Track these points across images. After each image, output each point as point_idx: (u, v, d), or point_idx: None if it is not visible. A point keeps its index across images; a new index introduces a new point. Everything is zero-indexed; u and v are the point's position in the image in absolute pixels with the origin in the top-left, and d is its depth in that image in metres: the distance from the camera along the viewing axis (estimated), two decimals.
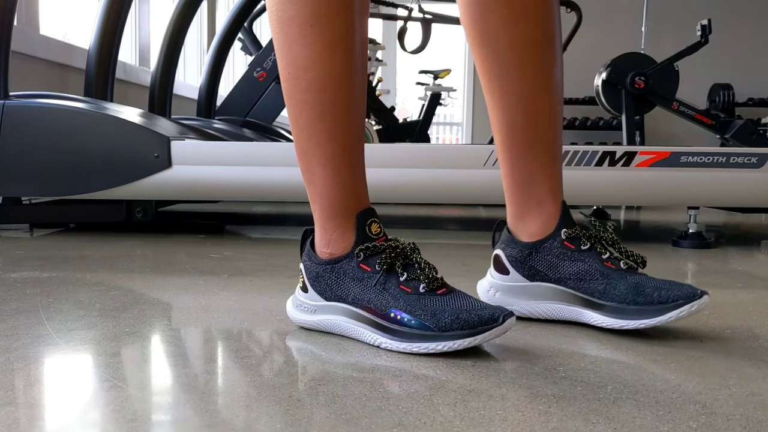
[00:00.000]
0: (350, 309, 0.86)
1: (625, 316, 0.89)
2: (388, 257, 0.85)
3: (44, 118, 1.81)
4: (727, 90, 5.82)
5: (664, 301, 0.86)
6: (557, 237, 0.95)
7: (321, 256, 0.89)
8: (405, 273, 0.84)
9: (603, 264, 0.92)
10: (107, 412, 0.63)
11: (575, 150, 1.82)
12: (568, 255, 0.94)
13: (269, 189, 1.85)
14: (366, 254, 0.86)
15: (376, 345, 0.83)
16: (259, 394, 0.68)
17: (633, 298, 0.88)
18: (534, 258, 0.96)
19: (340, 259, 0.88)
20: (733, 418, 0.63)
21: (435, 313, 0.80)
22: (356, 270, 0.86)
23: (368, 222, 0.88)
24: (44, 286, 1.18)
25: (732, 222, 2.78)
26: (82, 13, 3.33)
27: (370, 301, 0.84)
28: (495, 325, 0.78)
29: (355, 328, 0.86)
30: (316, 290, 0.89)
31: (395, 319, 0.82)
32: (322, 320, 0.89)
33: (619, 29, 6.21)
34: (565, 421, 0.62)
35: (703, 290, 0.87)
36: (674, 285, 0.88)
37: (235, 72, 5.10)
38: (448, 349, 0.79)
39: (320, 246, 0.90)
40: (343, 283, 0.87)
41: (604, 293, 0.91)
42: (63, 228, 2.00)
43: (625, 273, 0.91)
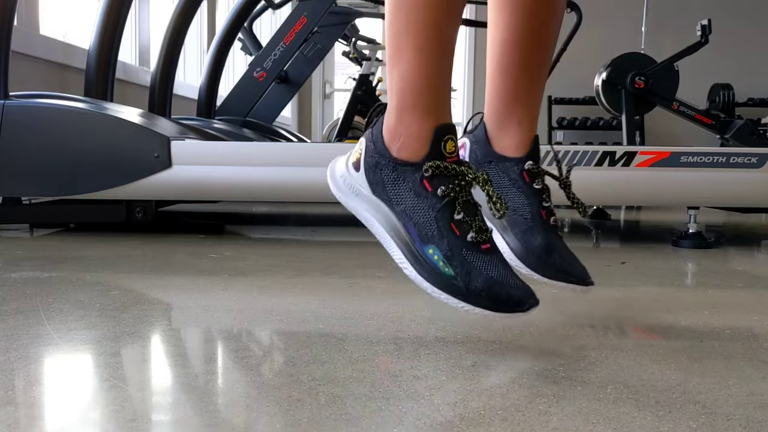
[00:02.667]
0: (392, 218, 0.83)
1: (523, 258, 0.96)
2: (455, 188, 0.80)
3: (44, 118, 1.80)
4: (727, 90, 5.81)
5: (561, 270, 0.95)
6: (521, 164, 0.99)
7: (390, 148, 0.83)
8: (462, 213, 0.80)
9: (539, 209, 0.98)
10: (107, 412, 0.63)
11: (575, 150, 1.82)
12: (519, 184, 0.99)
13: (269, 189, 1.85)
14: (435, 173, 0.81)
15: (400, 266, 0.81)
16: (259, 394, 0.68)
17: (540, 252, 0.95)
18: (491, 167, 1.01)
19: (406, 163, 0.82)
20: (733, 418, 0.63)
21: (470, 272, 0.78)
22: (418, 183, 0.81)
23: (445, 137, 0.82)
24: (44, 286, 1.18)
25: (732, 222, 2.78)
26: (82, 13, 3.33)
27: (417, 224, 0.81)
28: (518, 309, 0.78)
29: (388, 239, 0.83)
30: (368, 179, 0.85)
31: (431, 257, 0.80)
32: (359, 208, 0.85)
33: (619, 29, 6.20)
34: (565, 421, 0.62)
35: (591, 280, 0.95)
36: (575, 262, 0.96)
37: (235, 72, 5.10)
38: (467, 311, 0.78)
39: (389, 135, 0.84)
40: (399, 190, 0.82)
41: (521, 233, 0.97)
42: (63, 228, 2.00)
43: (548, 229, 0.97)
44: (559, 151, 1.04)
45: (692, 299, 1.20)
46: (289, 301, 1.11)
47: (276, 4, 3.31)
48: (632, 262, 1.59)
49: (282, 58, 3.14)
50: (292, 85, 3.51)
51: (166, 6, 3.90)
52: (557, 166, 1.05)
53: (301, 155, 1.85)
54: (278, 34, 3.16)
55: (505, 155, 1.00)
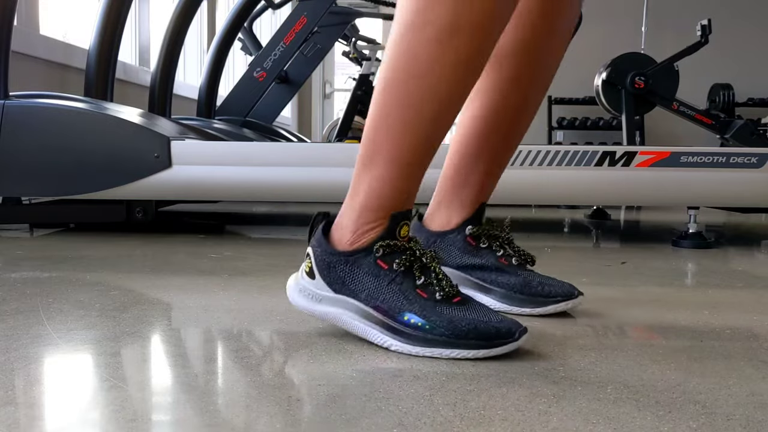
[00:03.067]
0: (360, 306, 0.84)
1: (510, 302, 1.02)
2: (408, 258, 0.83)
3: (44, 118, 1.80)
4: (727, 90, 5.81)
5: (546, 295, 1.01)
6: (462, 232, 1.05)
7: (338, 246, 0.86)
8: (422, 277, 0.83)
9: (498, 260, 1.04)
10: (107, 412, 0.63)
11: (575, 150, 1.82)
12: (468, 249, 1.05)
13: (269, 189, 1.85)
14: (386, 251, 0.83)
15: (386, 347, 0.82)
16: (259, 394, 0.68)
17: (520, 288, 1.02)
18: (437, 245, 1.06)
19: (356, 251, 0.84)
20: (733, 418, 0.63)
21: (452, 320, 0.80)
22: (372, 266, 0.84)
23: (401, 223, 0.85)
24: (44, 286, 1.18)
25: (732, 222, 2.78)
26: (82, 13, 3.33)
27: (384, 300, 0.82)
28: (511, 340, 0.80)
29: (363, 327, 0.84)
30: (325, 280, 0.86)
31: (408, 322, 0.81)
32: (326, 312, 0.87)
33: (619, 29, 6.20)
34: (565, 421, 0.62)
35: (579, 291, 1.02)
36: (557, 283, 1.02)
37: (235, 72, 5.10)
38: (462, 356, 0.79)
39: (343, 233, 0.86)
40: (357, 278, 0.84)
41: (494, 281, 1.03)
42: (63, 228, 2.00)
43: (516, 268, 1.04)
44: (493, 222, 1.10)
45: (692, 299, 1.20)
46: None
47: (276, 4, 3.31)
48: (632, 262, 1.59)
49: (282, 58, 3.14)
50: (292, 85, 3.51)
51: (166, 6, 3.90)
52: (496, 226, 1.09)
53: (301, 155, 1.85)
54: (278, 34, 3.16)
55: (443, 231, 1.07)
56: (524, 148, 1.82)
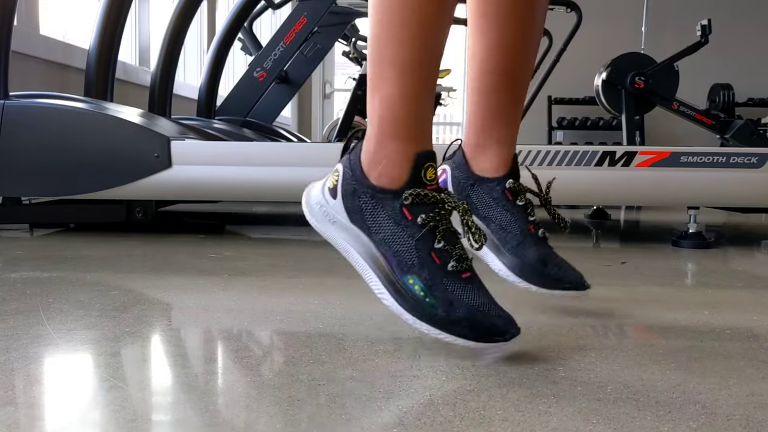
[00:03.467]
0: (371, 247, 0.81)
1: (519, 273, 1.00)
2: (434, 218, 0.79)
3: (44, 118, 1.80)
4: (727, 90, 5.81)
5: (559, 279, 0.99)
6: (502, 183, 1.03)
7: (367, 174, 0.82)
8: (442, 241, 0.79)
9: (526, 224, 1.01)
10: (107, 412, 0.63)
11: (575, 150, 1.82)
12: (503, 203, 1.02)
13: (269, 189, 1.85)
14: (414, 200, 0.80)
15: (379, 297, 0.80)
16: (259, 394, 0.68)
17: (534, 263, 0.99)
18: (474, 189, 1.04)
19: (385, 191, 0.81)
20: (733, 418, 0.63)
21: (452, 302, 0.78)
22: (397, 211, 0.80)
23: (426, 165, 0.81)
24: (44, 286, 1.18)
25: (732, 222, 2.78)
26: (82, 13, 3.33)
27: (397, 253, 0.79)
28: (500, 339, 0.78)
29: (367, 268, 0.81)
30: (345, 206, 0.83)
31: (410, 287, 0.79)
32: (335, 236, 0.84)
33: (619, 29, 6.20)
34: (565, 421, 0.62)
35: (588, 284, 1.00)
36: (570, 269, 1.01)
37: (235, 72, 5.10)
38: (449, 341, 0.78)
39: (368, 161, 0.83)
40: (378, 217, 0.81)
41: (513, 249, 1.01)
42: (63, 228, 2.00)
43: (538, 241, 1.01)
44: (538, 181, 1.09)
45: (692, 299, 1.20)
46: (289, 301, 1.11)
47: (276, 4, 3.31)
48: (632, 262, 1.59)
49: (282, 58, 3.14)
50: (292, 85, 3.51)
51: (166, 6, 3.90)
52: (536, 184, 1.08)
53: (301, 155, 1.85)
54: (278, 34, 3.16)
55: (485, 176, 1.04)
56: (524, 148, 1.82)
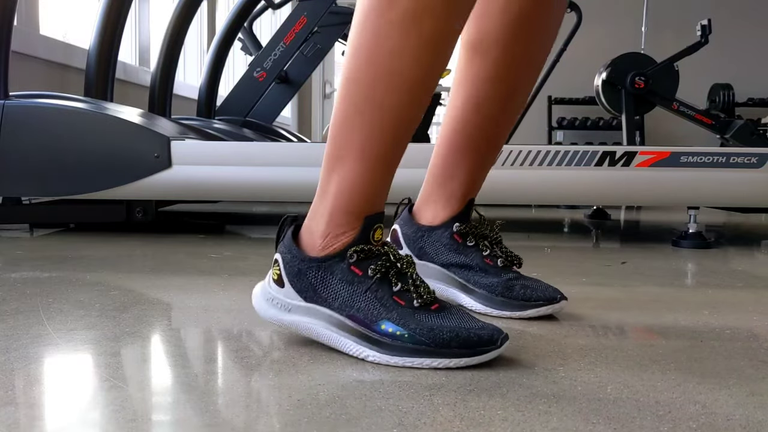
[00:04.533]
0: (334, 315, 0.80)
1: (491, 304, 1.01)
2: (384, 264, 0.80)
3: (44, 118, 1.80)
4: (727, 90, 5.81)
5: (527, 299, 0.99)
6: (449, 228, 1.04)
7: (308, 251, 0.82)
8: (399, 283, 0.79)
9: (483, 260, 1.03)
10: (107, 412, 0.63)
11: (575, 150, 1.82)
12: (454, 247, 1.04)
13: (269, 189, 1.85)
14: (360, 256, 0.80)
15: (362, 358, 0.78)
16: (259, 394, 0.68)
17: (501, 291, 1.00)
18: (425, 240, 1.06)
19: (329, 257, 0.80)
20: (733, 418, 0.63)
21: (432, 328, 0.76)
22: (346, 272, 0.80)
23: (374, 227, 0.81)
24: (44, 286, 1.18)
25: (732, 222, 2.78)
26: (82, 13, 3.33)
27: (360, 309, 0.78)
28: (493, 347, 0.77)
29: (337, 338, 0.80)
30: (295, 288, 0.82)
31: (386, 332, 0.77)
32: (297, 322, 0.82)
33: (619, 29, 6.20)
34: (565, 421, 0.62)
35: (562, 296, 1.00)
36: (540, 286, 1.01)
37: (235, 72, 5.10)
38: (444, 366, 0.76)
39: (314, 238, 0.82)
40: (330, 285, 0.80)
41: (477, 283, 1.02)
42: (63, 228, 2.00)
43: (500, 270, 1.03)
44: (485, 220, 1.09)
45: (692, 299, 1.20)
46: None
47: (276, 4, 3.31)
48: (632, 262, 1.59)
49: (282, 58, 3.14)
50: (292, 85, 3.51)
51: (166, 6, 3.90)
52: (485, 225, 1.07)
53: (301, 155, 1.85)
54: (278, 34, 3.16)
55: (432, 225, 1.05)
56: (524, 148, 1.82)
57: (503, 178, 1.82)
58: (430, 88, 0.81)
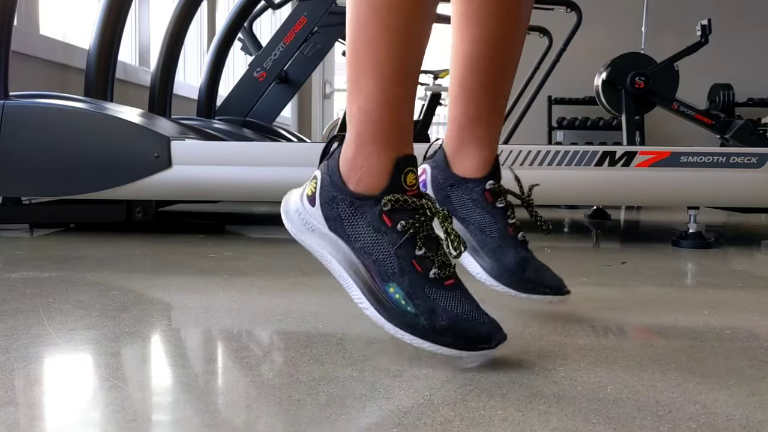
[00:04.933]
0: (351, 256, 0.79)
1: (499, 277, 0.98)
2: (416, 222, 0.78)
3: (44, 118, 1.80)
4: (727, 90, 5.81)
5: (536, 282, 0.97)
6: (482, 184, 1.01)
7: (346, 180, 0.80)
8: (423, 248, 0.77)
9: (506, 227, 1.00)
10: (107, 412, 0.63)
11: (575, 150, 1.82)
12: (482, 204, 1.00)
13: (269, 189, 1.85)
14: (394, 206, 0.78)
15: (360, 307, 0.78)
16: (259, 394, 0.68)
17: (513, 268, 0.97)
18: (453, 190, 1.02)
19: (364, 197, 0.79)
20: (733, 418, 0.63)
21: (434, 310, 0.76)
22: (377, 218, 0.78)
23: (405, 170, 0.79)
24: (44, 286, 1.18)
25: (732, 222, 2.78)
26: (82, 13, 3.33)
27: (377, 260, 0.78)
28: (486, 347, 0.76)
29: (347, 277, 0.80)
30: (324, 213, 0.81)
31: (392, 296, 0.77)
32: (314, 245, 0.82)
33: (619, 29, 6.20)
34: (565, 421, 0.62)
35: (568, 289, 0.99)
36: (550, 273, 0.99)
37: (235, 72, 5.10)
38: (433, 351, 0.76)
39: (347, 168, 0.81)
40: (357, 225, 0.79)
41: (491, 251, 0.99)
42: (63, 228, 2.00)
43: (518, 244, 0.99)
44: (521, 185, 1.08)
45: (692, 299, 1.20)
46: (289, 301, 1.11)
47: (276, 4, 3.31)
48: (632, 262, 1.59)
49: (282, 58, 3.14)
50: (292, 85, 3.51)
51: (166, 6, 3.90)
52: (518, 186, 1.06)
53: (301, 155, 1.85)
54: (278, 34, 3.16)
55: (465, 177, 1.02)
56: (524, 148, 1.82)
57: (503, 178, 1.82)
58: (429, 9, 0.80)
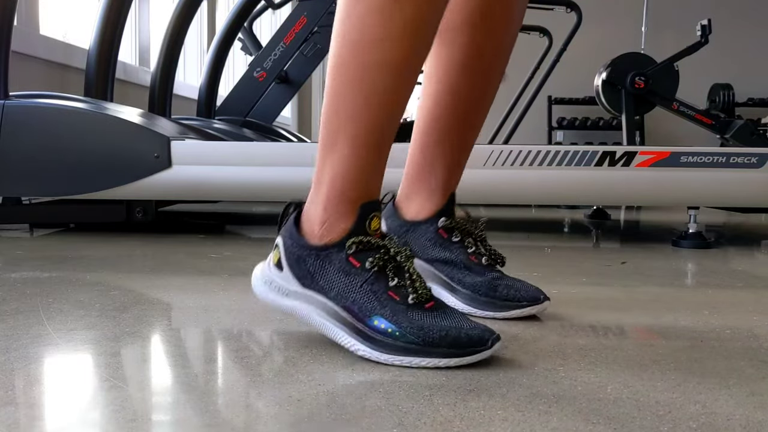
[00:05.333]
0: (329, 305, 0.80)
1: (475, 304, 1.00)
2: (381, 258, 0.80)
3: (44, 118, 1.80)
4: (727, 90, 5.81)
5: (511, 299, 0.99)
6: (434, 223, 1.03)
7: (308, 239, 0.82)
8: (396, 278, 0.79)
9: (468, 257, 1.02)
10: (107, 412, 0.63)
11: (575, 150, 1.82)
12: (440, 242, 1.03)
13: (269, 189, 1.85)
14: (359, 248, 0.80)
15: (353, 351, 0.79)
16: (259, 394, 0.68)
17: (486, 291, 0.99)
18: (409, 235, 1.04)
19: (328, 246, 0.81)
20: (733, 418, 0.63)
21: (423, 327, 0.77)
22: (344, 263, 0.80)
23: (370, 215, 0.81)
24: (44, 286, 1.18)
25: (732, 222, 2.78)
26: (82, 13, 3.33)
27: (355, 301, 0.79)
28: (483, 348, 0.77)
29: (332, 327, 0.80)
30: (294, 274, 0.83)
31: (378, 328, 0.77)
32: (294, 307, 0.83)
33: (619, 29, 6.21)
34: (565, 421, 0.62)
35: (546, 296, 0.99)
36: (524, 287, 1.00)
37: (235, 72, 5.10)
38: (433, 365, 0.76)
39: (312, 225, 0.83)
40: (328, 274, 0.81)
41: (461, 281, 1.01)
42: (63, 228, 2.00)
43: (484, 268, 1.02)
44: (470, 217, 1.09)
45: (692, 299, 1.20)
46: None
47: (276, 4, 3.31)
48: (632, 262, 1.59)
49: (282, 58, 3.14)
50: (292, 85, 3.51)
51: (166, 6, 3.90)
52: (472, 223, 1.07)
53: (301, 155, 1.85)
54: (278, 34, 3.16)
55: (416, 220, 1.04)
56: (524, 148, 1.82)
57: (503, 178, 1.82)
58: (416, 68, 0.82)
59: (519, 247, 1.75)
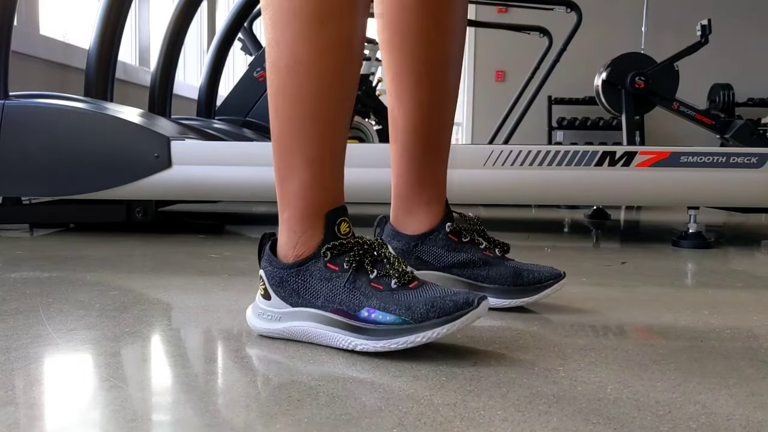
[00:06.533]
0: (319, 314, 0.82)
1: (506, 296, 1.02)
2: (357, 255, 0.82)
3: (44, 118, 1.80)
4: (727, 90, 5.81)
5: (538, 281, 1.02)
6: (441, 230, 1.05)
7: (285, 260, 0.86)
8: (375, 270, 0.82)
9: (482, 253, 1.04)
10: (107, 412, 0.63)
11: (575, 150, 1.82)
12: (452, 246, 1.05)
13: (269, 189, 1.83)
14: (333, 253, 0.83)
15: (351, 348, 0.80)
16: (259, 394, 0.68)
17: (513, 280, 1.02)
18: (420, 249, 1.06)
19: (305, 260, 0.84)
20: (733, 418, 0.63)
21: (410, 305, 0.78)
22: (323, 270, 0.83)
23: (338, 221, 0.84)
24: (44, 286, 1.18)
25: (732, 222, 2.78)
26: (82, 13, 3.33)
27: (342, 302, 0.81)
28: (471, 308, 0.77)
29: (327, 334, 0.82)
30: (280, 296, 0.85)
31: (369, 318, 0.79)
32: (288, 328, 0.85)
33: (619, 29, 6.21)
34: (565, 421, 0.62)
35: (562, 272, 1.04)
36: (541, 268, 1.04)
37: (235, 72, 5.10)
38: (427, 339, 0.77)
39: (286, 249, 0.86)
40: (311, 286, 0.83)
41: (487, 278, 1.03)
42: (63, 228, 2.00)
43: (501, 260, 1.04)
44: (464, 214, 1.11)
45: (692, 299, 1.20)
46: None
47: None
48: (632, 262, 1.59)
49: None
50: None
51: (166, 6, 3.90)
52: (471, 220, 1.08)
53: None
54: None
55: (423, 233, 1.06)
56: (524, 148, 1.82)
57: (503, 178, 1.82)
58: (353, 80, 0.86)
59: (519, 247, 1.74)
